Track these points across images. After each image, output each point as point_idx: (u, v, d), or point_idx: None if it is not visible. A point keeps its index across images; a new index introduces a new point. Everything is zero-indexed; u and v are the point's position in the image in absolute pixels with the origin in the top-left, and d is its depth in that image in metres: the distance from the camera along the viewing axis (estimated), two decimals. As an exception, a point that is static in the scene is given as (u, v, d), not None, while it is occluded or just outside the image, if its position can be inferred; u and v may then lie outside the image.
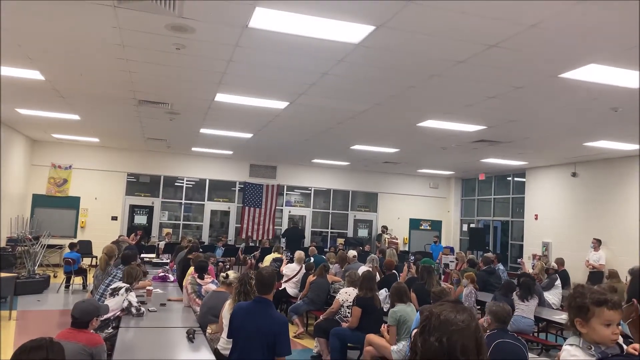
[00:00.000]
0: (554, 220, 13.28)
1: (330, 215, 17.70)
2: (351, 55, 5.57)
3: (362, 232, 17.90)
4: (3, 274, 8.43)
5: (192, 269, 7.93)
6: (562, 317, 7.35)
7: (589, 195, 12.20)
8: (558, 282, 9.30)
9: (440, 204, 18.31)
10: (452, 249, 15.10)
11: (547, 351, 7.32)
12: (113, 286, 5.54)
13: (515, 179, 15.32)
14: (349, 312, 6.48)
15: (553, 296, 9.03)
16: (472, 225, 17.15)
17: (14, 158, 12.96)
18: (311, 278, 8.24)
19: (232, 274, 5.56)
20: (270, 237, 16.03)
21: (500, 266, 11.12)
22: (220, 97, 7.91)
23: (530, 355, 4.34)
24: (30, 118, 10.86)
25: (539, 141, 10.14)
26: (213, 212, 16.68)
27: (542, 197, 13.85)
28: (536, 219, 13.97)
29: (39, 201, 14.52)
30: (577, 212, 12.56)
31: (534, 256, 13.19)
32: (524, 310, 7.10)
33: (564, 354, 2.30)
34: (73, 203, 14.87)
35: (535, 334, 7.69)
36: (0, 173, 10.22)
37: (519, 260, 13.78)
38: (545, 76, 5.93)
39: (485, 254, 11.74)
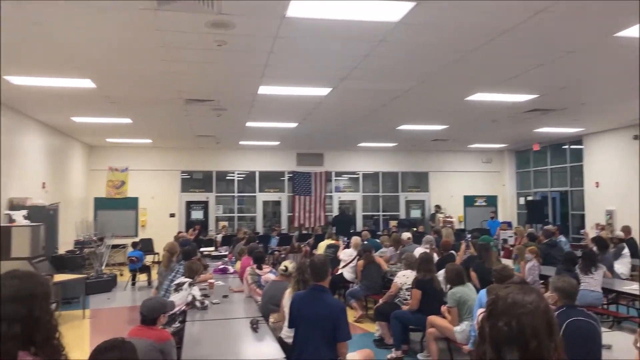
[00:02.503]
0: (616, 186, 12.66)
1: (380, 198, 17.59)
2: (392, 34, 5.46)
3: (415, 213, 17.70)
4: (74, 276, 8.90)
5: (238, 263, 8.14)
6: (632, 287, 7.03)
7: (654, 157, 11.54)
8: (626, 251, 8.88)
9: (495, 178, 17.84)
10: (509, 224, 14.71)
11: (619, 323, 7.02)
12: (177, 282, 5.73)
13: (572, 146, 14.69)
14: (408, 295, 6.44)
15: (621, 266, 8.64)
16: (529, 198, 16.62)
17: (73, 164, 13.58)
18: (360, 265, 8.18)
19: (290, 265, 5.62)
20: (322, 224, 16.12)
21: (562, 238, 10.74)
22: (264, 90, 7.97)
23: (602, 329, 4.17)
24: (85, 125, 11.32)
25: (596, 105, 9.66)
26: (265, 203, 16.93)
27: (602, 164, 13.22)
28: (597, 186, 13.37)
29: (100, 204, 15.20)
30: (642, 176, 11.92)
31: (598, 225, 12.65)
32: (590, 283, 6.82)
33: None
34: (132, 203, 15.47)
35: (605, 307, 7.39)
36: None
37: (581, 231, 13.27)
38: (599, 37, 5.62)
39: (545, 227, 11.36)
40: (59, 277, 8.30)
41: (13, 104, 9.07)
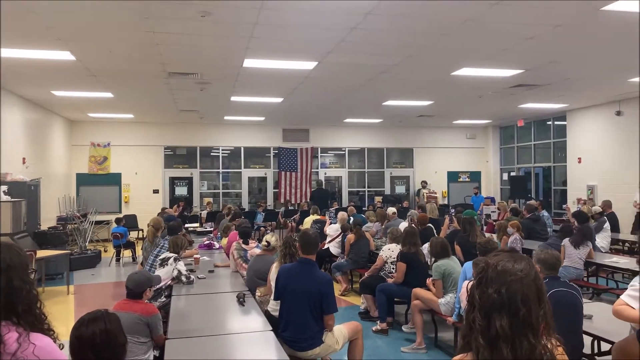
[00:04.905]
0: (598, 162, 12.84)
1: (366, 174, 17.64)
2: (379, 7, 5.38)
3: (400, 189, 17.82)
4: (57, 252, 8.80)
5: (224, 239, 8.12)
6: (612, 260, 7.19)
7: (635, 133, 11.68)
8: (607, 225, 9.04)
9: (479, 154, 17.97)
10: (493, 199, 14.87)
11: (599, 295, 7.19)
12: (162, 257, 5.69)
13: (556, 122, 14.81)
14: (393, 268, 6.50)
15: (601, 240, 8.80)
16: (512, 174, 16.80)
17: (54, 139, 13.32)
18: (351, 238, 8.22)
19: (272, 239, 5.61)
20: (308, 200, 16.14)
21: (545, 213, 10.88)
22: (249, 63, 7.84)
23: (583, 300, 4.25)
24: (66, 99, 11.07)
25: (581, 81, 9.71)
26: (250, 179, 16.86)
27: (585, 140, 13.37)
28: (579, 162, 13.54)
29: (82, 180, 15.00)
30: (623, 152, 12.08)
31: (579, 200, 12.85)
32: (574, 259, 6.81)
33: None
34: (115, 179, 15.29)
35: (586, 279, 7.55)
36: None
37: (563, 206, 13.47)
38: (586, 11, 5.61)
39: (528, 202, 11.50)
40: (42, 253, 8.19)
41: (-10, 76, 8.83)
